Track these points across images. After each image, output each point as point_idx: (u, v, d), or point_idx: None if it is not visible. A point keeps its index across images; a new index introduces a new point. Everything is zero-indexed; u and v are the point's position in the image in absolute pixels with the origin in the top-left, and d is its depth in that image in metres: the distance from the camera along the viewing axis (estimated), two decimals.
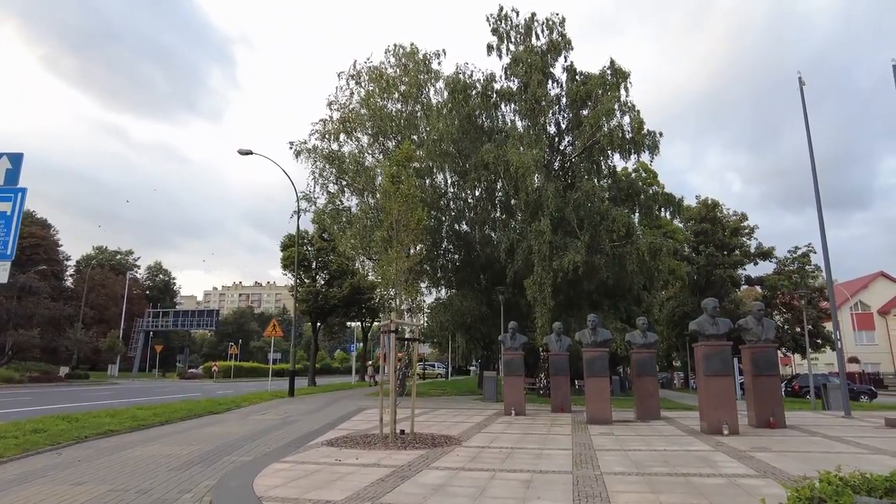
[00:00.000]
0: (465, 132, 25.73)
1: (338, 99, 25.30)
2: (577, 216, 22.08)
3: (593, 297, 24.21)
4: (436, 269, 29.33)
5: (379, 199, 22.75)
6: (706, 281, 45.58)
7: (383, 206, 10.85)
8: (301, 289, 35.02)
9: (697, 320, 10.97)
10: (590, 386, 12.94)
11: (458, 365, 73.99)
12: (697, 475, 6.44)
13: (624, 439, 9.86)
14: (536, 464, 7.28)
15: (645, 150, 24.47)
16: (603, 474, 6.52)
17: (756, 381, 11.42)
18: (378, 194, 22.63)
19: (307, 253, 35.12)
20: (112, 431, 11.25)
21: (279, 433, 11.54)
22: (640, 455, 7.99)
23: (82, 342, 44.59)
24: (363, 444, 9.07)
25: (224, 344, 79.55)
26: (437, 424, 12.50)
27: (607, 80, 24.49)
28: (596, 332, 13.33)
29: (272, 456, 8.27)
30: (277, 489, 5.82)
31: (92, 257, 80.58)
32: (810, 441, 9.60)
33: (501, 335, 16.47)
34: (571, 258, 20.56)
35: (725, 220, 48.69)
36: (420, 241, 21.96)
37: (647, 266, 21.83)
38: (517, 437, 10.33)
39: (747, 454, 7.96)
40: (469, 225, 28.72)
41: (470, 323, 27.92)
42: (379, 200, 22.75)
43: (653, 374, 14.13)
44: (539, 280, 21.03)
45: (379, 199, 22.51)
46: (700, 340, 10.74)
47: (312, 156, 24.12)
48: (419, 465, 7.14)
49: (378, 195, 22.65)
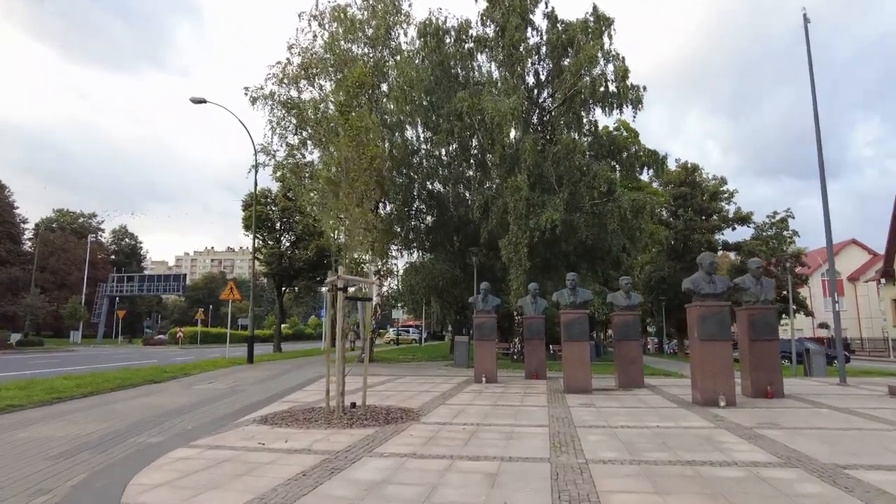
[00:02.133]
0: (439, 82, 23.82)
1: (299, 42, 23.05)
2: (555, 172, 20.58)
3: (571, 258, 22.93)
4: (407, 230, 27.71)
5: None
6: (683, 246, 44.93)
7: (331, 142, 9.21)
8: (264, 250, 33.14)
9: (692, 278, 9.57)
10: (568, 351, 11.64)
11: (433, 330, 73.17)
12: (707, 464, 5.10)
13: (608, 412, 8.58)
14: (506, 448, 5.90)
15: (628, 104, 22.94)
16: (588, 463, 5.15)
17: (753, 347, 10.21)
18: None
19: (271, 213, 33.08)
20: (14, 406, 9.58)
21: (216, 406, 10.03)
22: (631, 434, 6.68)
23: (34, 307, 42.10)
24: (302, 422, 7.63)
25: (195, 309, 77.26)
26: (397, 395, 11.12)
27: (590, 27, 22.69)
28: (575, 293, 11.97)
29: (186, 437, 6.78)
30: (155, 491, 4.33)
31: (52, 220, 76.61)
32: (819, 414, 8.43)
33: (473, 297, 15.00)
34: (549, 216, 19.11)
35: (704, 184, 47.84)
36: (378, 187, 20.21)
37: (629, 225, 20.51)
38: (486, 409, 8.99)
39: (756, 432, 6.70)
40: (442, 183, 27.06)
41: (442, 286, 26.57)
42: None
43: (636, 339, 12.87)
44: (515, 240, 19.60)
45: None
46: (694, 300, 9.43)
47: (269, 102, 22.01)
48: (359, 451, 5.70)
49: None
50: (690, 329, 9.64)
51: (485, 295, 14.25)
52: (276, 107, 22.01)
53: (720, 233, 47.06)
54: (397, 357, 25.61)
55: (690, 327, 9.65)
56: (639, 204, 20.27)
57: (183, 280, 69.77)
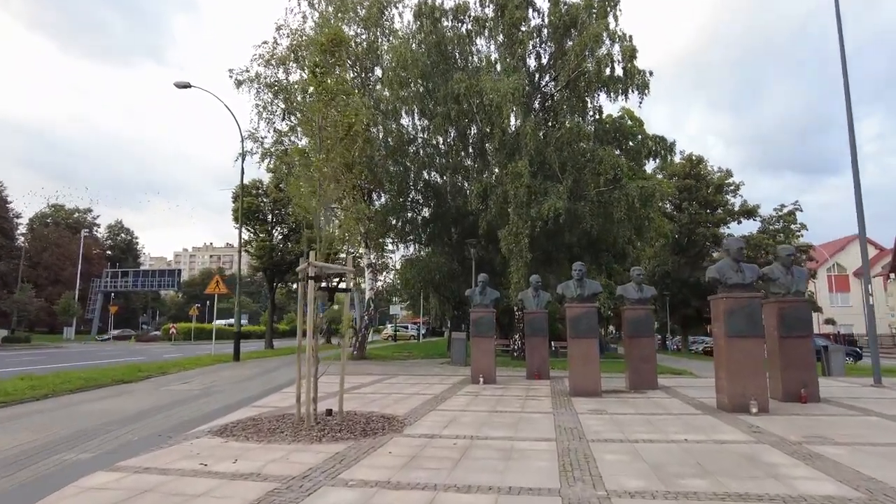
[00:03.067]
0: (435, 66, 22.55)
1: (287, 23, 21.83)
2: (558, 158, 19.37)
3: (574, 250, 21.72)
4: (404, 223, 26.47)
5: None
6: (687, 240, 43.79)
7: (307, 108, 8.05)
8: (255, 243, 31.97)
9: (717, 266, 8.44)
10: (574, 349, 10.48)
11: (431, 326, 72.01)
12: (766, 499, 3.95)
13: (623, 421, 7.42)
14: (504, 473, 4.74)
15: (634, 89, 21.73)
16: (611, 497, 4.00)
17: (784, 344, 9.06)
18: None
19: (262, 205, 31.87)
20: None
21: (178, 411, 8.89)
22: (656, 452, 5.52)
23: (22, 303, 40.92)
24: (265, 433, 6.48)
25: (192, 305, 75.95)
26: (383, 398, 9.97)
27: (594, 6, 21.44)
28: (583, 284, 10.80)
29: (119, 454, 5.63)
30: None
31: (47, 215, 75.35)
32: (870, 424, 7.26)
33: (469, 290, 13.80)
34: (552, 204, 17.89)
35: (709, 176, 46.61)
36: (369, 172, 18.81)
37: (637, 214, 19.28)
38: (482, 416, 7.84)
39: (808, 449, 5.54)
40: (439, 172, 25.81)
41: (439, 280, 25.41)
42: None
43: (650, 335, 11.72)
44: (515, 230, 18.39)
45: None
46: (720, 291, 8.26)
47: (255, 85, 20.78)
48: (319, 477, 4.55)
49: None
50: (715, 323, 8.47)
51: (482, 288, 13.11)
52: (262, 90, 20.80)
53: (726, 226, 45.88)
54: (392, 354, 24.44)
55: (715, 322, 8.48)
56: (647, 191, 19.03)
57: (178, 275, 68.48)
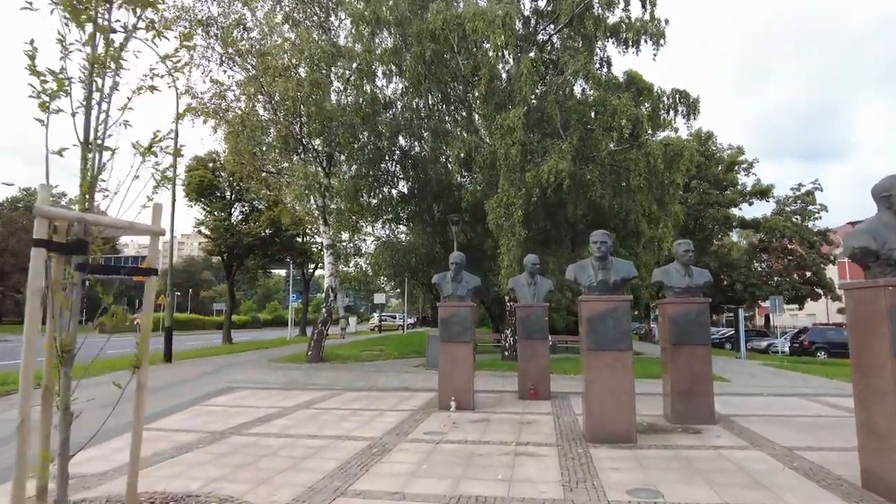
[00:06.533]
0: (412, 9, 18.42)
1: None
2: (560, 111, 15.38)
3: (578, 227, 17.81)
4: (381, 200, 22.35)
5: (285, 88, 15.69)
6: (695, 223, 40.05)
7: None
8: (209, 222, 27.88)
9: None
10: (595, 369, 6.56)
11: (421, 315, 68.53)
12: None
13: None
14: None
15: (648, 37, 17.90)
16: None
17: None
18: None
19: (219, 180, 27.72)
20: None
21: None
22: None
23: None
24: None
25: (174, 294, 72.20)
26: (282, 448, 6.01)
27: None
28: (607, 265, 6.85)
29: None
30: None
31: (18, 199, 71.00)
32: None
33: (436, 276, 9.64)
34: (553, 166, 13.85)
35: (719, 154, 42.86)
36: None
37: (660, 181, 15.33)
38: None
39: None
40: (416, 137, 21.67)
41: (416, 265, 21.47)
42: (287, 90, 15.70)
43: (704, 342, 7.73)
44: (506, 199, 14.39)
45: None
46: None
47: (184, 24, 16.59)
48: None
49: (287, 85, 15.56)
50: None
51: (457, 271, 9.12)
52: (192, 24, 16.59)
53: (737, 207, 42.16)
54: (359, 353, 20.50)
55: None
56: (674, 150, 14.97)
57: (140, 263, 64.28)
